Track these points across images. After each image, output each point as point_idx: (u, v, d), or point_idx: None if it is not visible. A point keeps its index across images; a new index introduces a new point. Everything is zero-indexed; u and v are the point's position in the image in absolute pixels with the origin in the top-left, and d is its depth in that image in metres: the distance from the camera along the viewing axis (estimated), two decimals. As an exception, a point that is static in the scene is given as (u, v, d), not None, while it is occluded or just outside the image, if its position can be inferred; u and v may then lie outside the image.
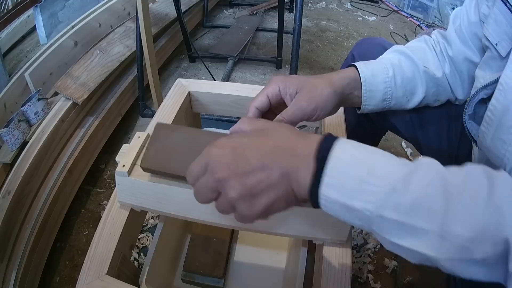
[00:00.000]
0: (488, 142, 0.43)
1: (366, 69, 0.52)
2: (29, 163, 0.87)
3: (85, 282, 0.45)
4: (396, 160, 0.31)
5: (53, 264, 0.94)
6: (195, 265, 0.70)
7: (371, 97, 0.53)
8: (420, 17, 2.27)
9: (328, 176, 0.30)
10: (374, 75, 0.52)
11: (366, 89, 0.52)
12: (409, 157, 1.29)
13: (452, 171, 0.30)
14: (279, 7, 1.51)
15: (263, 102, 0.46)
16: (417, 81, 0.55)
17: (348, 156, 0.30)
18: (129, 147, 0.52)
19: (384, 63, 0.54)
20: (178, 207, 0.50)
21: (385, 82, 0.52)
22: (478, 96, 0.47)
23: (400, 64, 0.54)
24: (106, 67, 1.19)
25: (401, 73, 0.53)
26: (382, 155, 0.31)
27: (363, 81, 0.51)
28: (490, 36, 0.45)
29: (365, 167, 0.29)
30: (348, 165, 0.30)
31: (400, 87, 0.54)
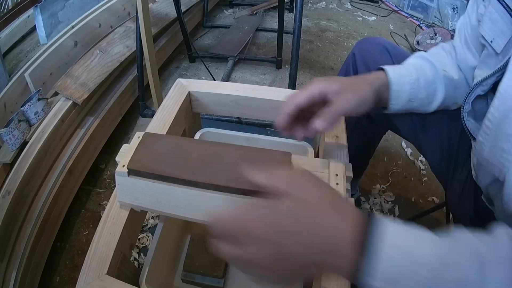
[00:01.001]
0: (487, 152, 0.43)
1: (393, 71, 0.55)
2: (29, 163, 0.87)
3: (85, 282, 0.45)
4: (432, 240, 0.31)
5: (53, 264, 0.94)
6: (195, 265, 0.70)
7: (398, 96, 0.55)
8: (420, 17, 2.27)
9: (369, 267, 0.29)
10: (401, 77, 0.55)
11: (394, 89, 0.54)
12: (409, 157, 1.29)
13: (484, 242, 0.31)
14: (279, 7, 1.51)
15: (304, 98, 0.48)
16: (437, 84, 0.57)
17: (389, 245, 0.30)
18: (129, 147, 0.52)
19: (407, 67, 0.57)
20: (178, 207, 0.50)
21: (410, 83, 0.55)
22: (474, 92, 0.47)
23: (422, 68, 0.57)
24: (106, 67, 1.19)
25: (423, 76, 0.56)
26: (420, 237, 0.31)
27: (391, 82, 0.54)
28: (485, 33, 0.47)
29: (406, 256, 0.29)
30: (390, 256, 0.29)
31: (423, 89, 0.56)
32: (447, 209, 0.93)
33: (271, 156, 0.50)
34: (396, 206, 1.11)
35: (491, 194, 0.49)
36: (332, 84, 0.49)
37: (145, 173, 0.48)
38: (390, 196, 1.14)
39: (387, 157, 1.28)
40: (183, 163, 0.48)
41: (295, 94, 0.49)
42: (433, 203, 1.13)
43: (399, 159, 1.28)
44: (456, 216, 0.71)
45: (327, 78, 0.50)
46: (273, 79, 1.68)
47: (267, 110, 0.70)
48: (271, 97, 0.68)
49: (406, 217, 1.06)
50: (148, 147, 0.51)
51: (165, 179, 0.48)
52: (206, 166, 0.48)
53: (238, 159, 0.49)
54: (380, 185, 1.17)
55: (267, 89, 0.70)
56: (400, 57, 0.68)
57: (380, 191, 1.16)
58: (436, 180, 0.71)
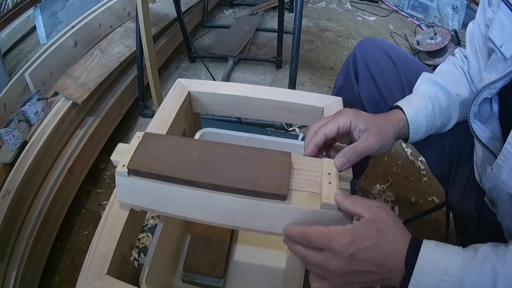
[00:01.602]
0: (505, 175, 0.43)
1: (410, 109, 0.56)
2: (29, 163, 0.87)
3: (85, 282, 0.45)
4: (463, 256, 0.39)
5: (53, 264, 0.94)
6: (195, 265, 0.70)
7: (417, 132, 0.57)
8: (420, 17, 2.27)
9: (414, 279, 0.38)
10: (418, 113, 0.56)
11: (413, 127, 0.56)
12: (409, 157, 1.29)
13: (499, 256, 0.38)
14: (279, 7, 1.51)
15: (332, 131, 0.51)
16: (452, 109, 0.58)
17: (429, 263, 0.38)
18: (129, 147, 0.52)
19: (423, 98, 0.58)
20: (178, 207, 0.50)
21: (427, 117, 0.56)
22: (482, 95, 0.47)
23: (436, 96, 0.58)
24: (106, 67, 1.19)
25: (438, 105, 0.57)
26: (453, 255, 0.39)
27: (410, 122, 0.56)
28: (494, 38, 0.47)
29: (442, 269, 0.38)
30: (429, 270, 0.38)
31: (438, 118, 0.57)
32: (447, 209, 0.93)
33: (271, 156, 0.50)
34: (396, 206, 1.11)
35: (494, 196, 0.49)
36: (359, 121, 0.51)
37: (145, 173, 0.48)
38: (390, 196, 1.14)
39: (387, 157, 1.28)
40: (183, 163, 0.49)
41: (323, 125, 0.52)
42: (433, 203, 1.13)
43: (399, 159, 1.28)
44: (457, 217, 0.71)
45: (356, 113, 0.52)
46: (273, 79, 1.68)
47: (267, 110, 0.70)
48: (271, 97, 0.68)
49: (406, 217, 1.06)
50: (148, 147, 0.51)
51: (165, 179, 0.48)
52: (206, 166, 0.48)
53: (238, 159, 0.49)
54: (380, 185, 1.17)
55: (267, 89, 0.70)
56: (400, 58, 0.68)
57: (380, 191, 1.16)
58: (436, 180, 0.71)
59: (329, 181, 0.47)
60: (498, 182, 0.44)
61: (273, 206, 0.46)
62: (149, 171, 0.48)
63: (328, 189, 0.46)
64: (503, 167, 0.43)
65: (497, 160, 0.43)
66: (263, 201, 0.46)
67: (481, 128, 0.50)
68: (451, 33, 1.77)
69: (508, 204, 0.44)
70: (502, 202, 0.46)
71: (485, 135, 0.49)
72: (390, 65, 0.67)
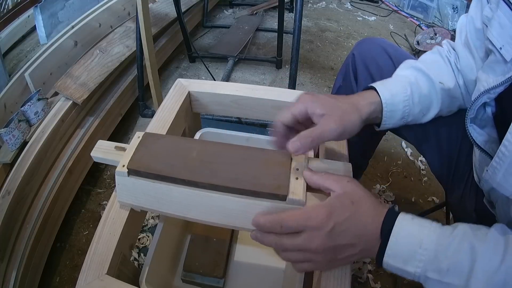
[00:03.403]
0: (499, 177, 0.42)
1: (385, 90, 0.53)
2: (29, 163, 0.87)
3: (85, 282, 0.45)
4: (439, 231, 0.39)
5: (53, 264, 0.94)
6: (195, 265, 0.70)
7: (391, 116, 0.54)
8: (420, 17, 2.27)
9: (389, 249, 0.40)
10: (394, 96, 0.53)
11: (387, 110, 0.53)
12: (409, 157, 1.29)
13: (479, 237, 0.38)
14: (279, 7, 1.51)
15: (288, 119, 0.49)
16: (433, 97, 0.55)
17: (405, 233, 0.39)
18: (129, 147, 0.52)
19: (402, 82, 0.55)
20: (178, 207, 0.50)
21: (404, 101, 0.53)
22: (480, 99, 0.46)
23: (417, 82, 0.55)
24: (106, 67, 1.19)
25: (418, 91, 0.54)
26: (429, 229, 0.40)
27: (384, 104, 0.52)
28: (494, 39, 0.45)
29: (416, 241, 0.39)
30: (404, 241, 0.39)
31: (417, 104, 0.54)
32: (447, 209, 0.93)
33: (271, 156, 0.50)
34: (396, 206, 1.11)
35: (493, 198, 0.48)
36: (317, 106, 0.47)
37: (145, 173, 0.48)
38: (390, 196, 1.14)
39: (387, 157, 1.28)
40: (183, 163, 0.49)
41: (281, 113, 0.50)
42: (433, 203, 1.13)
43: (399, 159, 1.28)
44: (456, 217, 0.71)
45: (313, 97, 0.48)
46: (273, 79, 1.68)
47: (267, 110, 0.70)
48: (271, 97, 0.68)
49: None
50: (148, 147, 0.51)
51: (164, 179, 0.48)
52: (206, 166, 0.48)
53: (238, 159, 0.49)
54: (380, 185, 1.17)
55: (267, 89, 0.70)
56: (400, 58, 0.67)
57: (380, 191, 1.16)
58: (436, 180, 0.70)
59: (296, 176, 0.47)
60: (493, 184, 0.44)
61: (273, 206, 0.46)
62: (149, 171, 0.48)
63: (294, 185, 0.46)
64: (498, 170, 0.42)
65: (492, 162, 0.43)
66: (263, 201, 0.46)
67: (478, 132, 0.49)
68: (451, 33, 1.77)
69: (506, 207, 0.44)
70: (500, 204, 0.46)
71: (482, 138, 0.49)
72: (389, 65, 0.67)
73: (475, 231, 0.38)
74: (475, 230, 0.39)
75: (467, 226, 0.39)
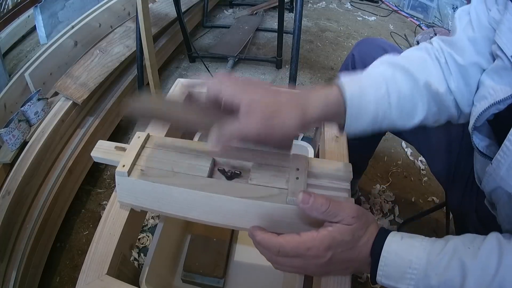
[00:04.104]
0: (503, 171, 0.41)
1: (352, 87, 0.43)
2: (29, 163, 0.87)
3: (85, 282, 0.45)
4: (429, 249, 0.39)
5: (53, 264, 0.94)
6: (195, 265, 0.70)
7: (357, 120, 0.44)
8: (420, 17, 2.27)
9: (380, 270, 0.40)
10: (363, 94, 0.43)
11: (352, 112, 0.43)
12: (409, 157, 1.29)
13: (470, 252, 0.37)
14: (279, 7, 1.51)
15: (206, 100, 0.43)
16: (417, 99, 0.45)
17: (393, 254, 0.40)
18: (129, 147, 0.52)
19: (375, 78, 0.45)
20: (178, 207, 0.50)
21: (377, 102, 0.43)
22: (490, 110, 0.41)
23: (394, 79, 0.45)
24: (106, 67, 1.19)
25: (396, 91, 0.44)
26: (419, 248, 0.39)
27: (348, 103, 0.42)
28: (504, 46, 0.40)
29: (405, 262, 0.39)
30: (393, 262, 0.40)
31: (395, 108, 0.44)
32: (447, 209, 0.93)
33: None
34: (396, 206, 1.11)
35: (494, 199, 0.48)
36: (242, 95, 0.39)
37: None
38: (390, 196, 1.14)
39: (387, 157, 1.28)
40: None
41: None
42: (433, 203, 1.13)
43: (399, 159, 1.28)
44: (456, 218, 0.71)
45: (246, 85, 0.41)
46: (273, 79, 1.68)
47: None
48: None
49: (406, 217, 1.06)
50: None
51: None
52: None
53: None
54: (380, 185, 1.17)
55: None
56: None
57: (380, 191, 1.16)
58: (436, 180, 0.70)
59: (296, 176, 0.47)
60: (496, 178, 0.42)
61: (274, 207, 0.46)
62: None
63: (295, 185, 0.46)
64: (502, 163, 0.41)
65: (497, 156, 0.41)
66: (263, 201, 0.46)
67: (480, 138, 0.46)
68: (451, 33, 1.77)
69: (507, 208, 0.44)
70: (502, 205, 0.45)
71: (484, 144, 0.46)
72: None
73: (468, 246, 0.38)
74: (468, 244, 0.38)
75: (459, 241, 0.39)
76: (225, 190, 0.47)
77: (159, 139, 0.54)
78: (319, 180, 0.50)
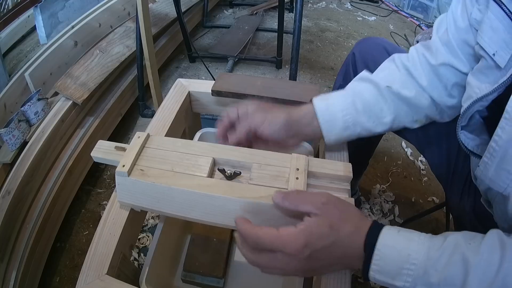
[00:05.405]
0: (491, 173, 0.41)
1: (321, 101, 0.53)
2: (29, 163, 0.87)
3: (85, 282, 0.45)
4: (428, 243, 0.37)
5: (53, 264, 0.94)
6: (195, 265, 0.70)
7: (331, 128, 0.53)
8: (420, 17, 2.27)
9: (374, 265, 0.38)
10: (330, 105, 0.53)
11: (324, 119, 0.53)
12: (409, 157, 1.29)
13: (472, 248, 0.35)
14: (279, 7, 1.51)
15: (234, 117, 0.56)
16: (381, 103, 0.53)
17: (389, 248, 0.37)
18: (129, 147, 0.52)
19: (344, 91, 0.55)
20: (178, 207, 0.50)
21: (343, 110, 0.52)
22: (473, 108, 0.44)
23: (360, 90, 0.54)
24: (106, 67, 1.19)
25: (361, 98, 0.53)
26: (417, 242, 0.37)
27: (318, 113, 0.53)
28: (486, 45, 0.41)
29: (403, 256, 0.36)
30: (389, 256, 0.37)
31: (362, 113, 0.53)
32: (447, 209, 0.93)
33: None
34: (396, 206, 1.11)
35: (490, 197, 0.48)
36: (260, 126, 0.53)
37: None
38: (390, 196, 1.14)
39: (387, 157, 1.28)
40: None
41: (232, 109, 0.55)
42: (433, 203, 1.13)
43: (399, 159, 1.28)
44: (455, 217, 0.71)
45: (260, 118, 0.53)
46: (273, 79, 1.68)
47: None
48: (271, 96, 0.68)
49: (406, 217, 1.06)
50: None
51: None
52: None
53: None
54: (380, 185, 1.17)
55: (267, 89, 0.70)
56: None
57: (380, 191, 1.16)
58: (436, 180, 0.71)
59: (296, 176, 0.47)
60: (486, 180, 0.43)
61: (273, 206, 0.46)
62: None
63: (295, 185, 0.46)
64: (489, 165, 0.42)
65: (483, 158, 0.42)
66: (263, 201, 0.46)
67: (469, 137, 0.47)
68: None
69: (502, 205, 0.44)
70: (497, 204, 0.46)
71: (474, 143, 0.47)
72: None
73: (468, 241, 0.36)
74: (469, 240, 0.36)
75: (460, 236, 0.37)
76: (225, 190, 0.47)
77: (159, 139, 0.54)
78: (319, 180, 0.50)
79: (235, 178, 0.50)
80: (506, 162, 0.39)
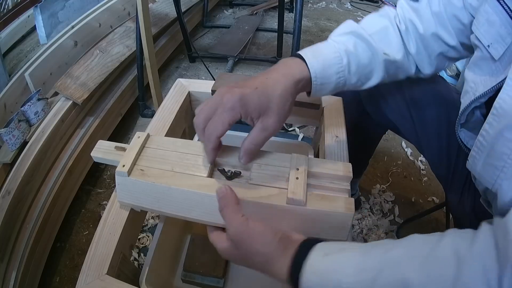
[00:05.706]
0: (479, 167, 0.41)
1: (316, 62, 0.47)
2: (29, 163, 0.87)
3: (85, 282, 0.45)
4: (362, 265, 0.34)
5: (53, 264, 0.94)
6: (195, 265, 0.70)
7: (321, 89, 0.49)
8: (420, 17, 2.27)
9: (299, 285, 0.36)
10: (326, 68, 0.48)
11: (317, 83, 0.48)
12: (409, 157, 1.29)
13: (415, 269, 0.31)
14: (279, 7, 1.51)
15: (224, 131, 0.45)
16: (374, 67, 0.51)
17: (308, 271, 0.36)
18: (129, 147, 0.52)
19: (337, 49, 0.49)
20: (178, 207, 0.50)
21: (338, 73, 0.48)
22: (471, 106, 0.44)
23: (355, 51, 0.49)
24: (106, 67, 1.19)
25: (356, 60, 0.49)
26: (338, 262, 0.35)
27: (314, 78, 0.47)
28: (481, 36, 0.42)
29: (321, 278, 0.35)
30: (309, 279, 0.36)
31: (354, 74, 0.50)
32: (447, 209, 0.93)
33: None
34: (396, 206, 1.11)
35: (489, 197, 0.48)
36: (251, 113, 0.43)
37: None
38: (390, 196, 1.14)
39: (387, 157, 1.28)
40: None
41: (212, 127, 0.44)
42: (433, 203, 1.13)
43: (399, 159, 1.28)
44: (455, 217, 0.71)
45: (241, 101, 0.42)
46: (273, 79, 1.68)
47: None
48: None
49: (406, 217, 1.06)
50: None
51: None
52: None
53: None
54: (380, 185, 1.17)
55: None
56: None
57: (380, 191, 1.16)
58: (436, 180, 0.71)
59: (296, 176, 0.47)
60: (475, 174, 0.43)
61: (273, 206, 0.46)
62: None
63: (295, 185, 0.46)
64: (477, 159, 0.41)
65: (472, 152, 0.42)
66: (263, 201, 0.46)
67: (469, 136, 0.48)
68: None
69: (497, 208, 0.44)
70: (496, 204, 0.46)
71: (473, 142, 0.46)
72: None
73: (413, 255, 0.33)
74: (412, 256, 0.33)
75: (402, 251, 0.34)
76: None
77: (159, 139, 0.54)
78: (319, 180, 0.50)
79: (235, 178, 0.50)
80: (493, 158, 0.39)
